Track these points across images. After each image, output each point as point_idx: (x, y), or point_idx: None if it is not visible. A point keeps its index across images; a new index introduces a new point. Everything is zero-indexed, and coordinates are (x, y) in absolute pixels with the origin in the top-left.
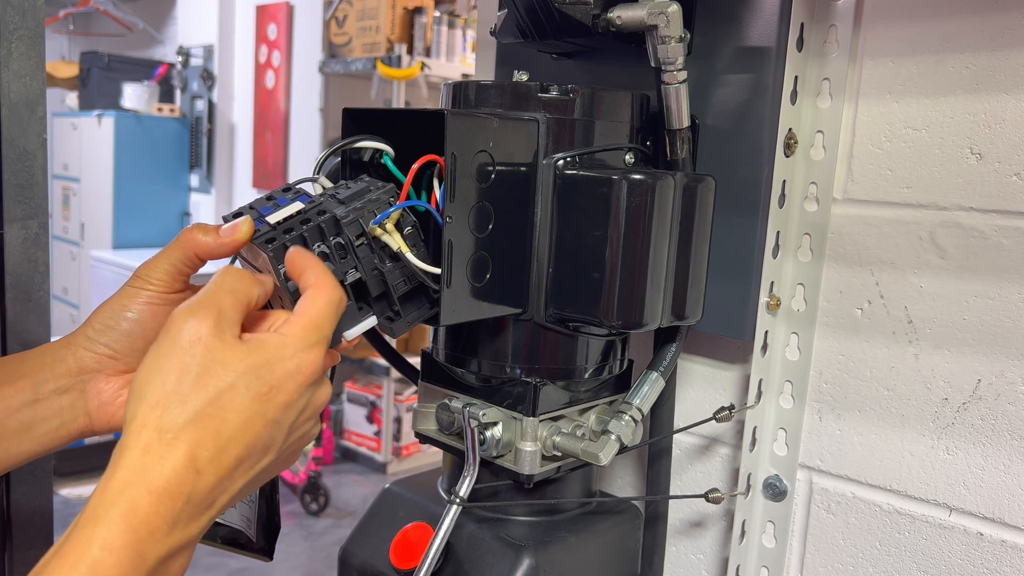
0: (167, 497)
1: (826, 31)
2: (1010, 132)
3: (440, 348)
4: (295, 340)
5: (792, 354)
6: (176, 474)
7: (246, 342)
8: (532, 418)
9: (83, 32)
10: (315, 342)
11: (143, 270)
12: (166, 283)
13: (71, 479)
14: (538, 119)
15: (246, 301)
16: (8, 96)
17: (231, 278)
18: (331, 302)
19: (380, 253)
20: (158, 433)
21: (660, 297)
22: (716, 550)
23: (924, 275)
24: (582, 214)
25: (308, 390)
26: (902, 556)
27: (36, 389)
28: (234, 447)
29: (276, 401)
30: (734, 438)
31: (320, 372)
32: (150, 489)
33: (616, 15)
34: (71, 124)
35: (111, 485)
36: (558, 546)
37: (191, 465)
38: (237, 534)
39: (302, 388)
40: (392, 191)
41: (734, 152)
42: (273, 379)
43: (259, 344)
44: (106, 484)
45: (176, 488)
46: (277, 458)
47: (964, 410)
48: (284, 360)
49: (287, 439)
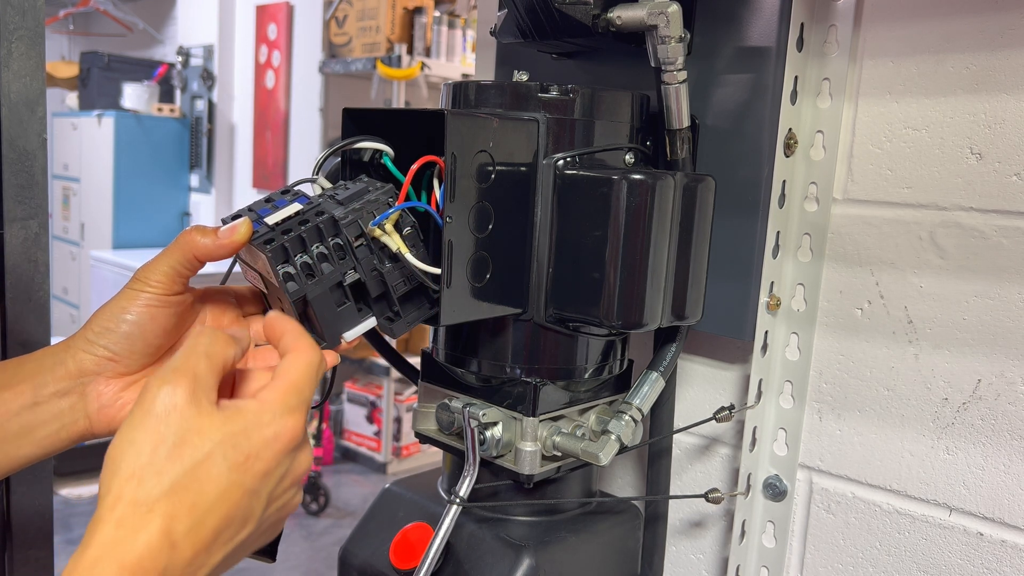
0: (140, 572)
1: (826, 31)
2: (1010, 132)
3: (440, 348)
4: (274, 406)
5: (792, 354)
6: (150, 549)
7: (223, 409)
8: (532, 418)
9: (83, 32)
10: (295, 407)
11: (142, 272)
12: (165, 285)
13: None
14: (538, 119)
15: (222, 364)
16: (8, 96)
17: (205, 341)
18: (311, 365)
19: (379, 254)
20: (132, 506)
21: (660, 297)
22: (716, 550)
23: (924, 275)
24: (582, 214)
25: (288, 457)
26: (902, 556)
27: (36, 392)
28: (211, 519)
29: (255, 470)
30: (734, 438)
31: (301, 437)
32: (122, 565)
33: (616, 15)
34: (71, 124)
35: (81, 563)
36: (558, 546)
37: (166, 539)
38: None
39: (281, 455)
40: (391, 192)
41: (734, 152)
42: (251, 447)
43: (236, 411)
44: (77, 561)
45: (150, 563)
46: (256, 529)
47: (964, 410)
48: (263, 427)
49: (267, 509)
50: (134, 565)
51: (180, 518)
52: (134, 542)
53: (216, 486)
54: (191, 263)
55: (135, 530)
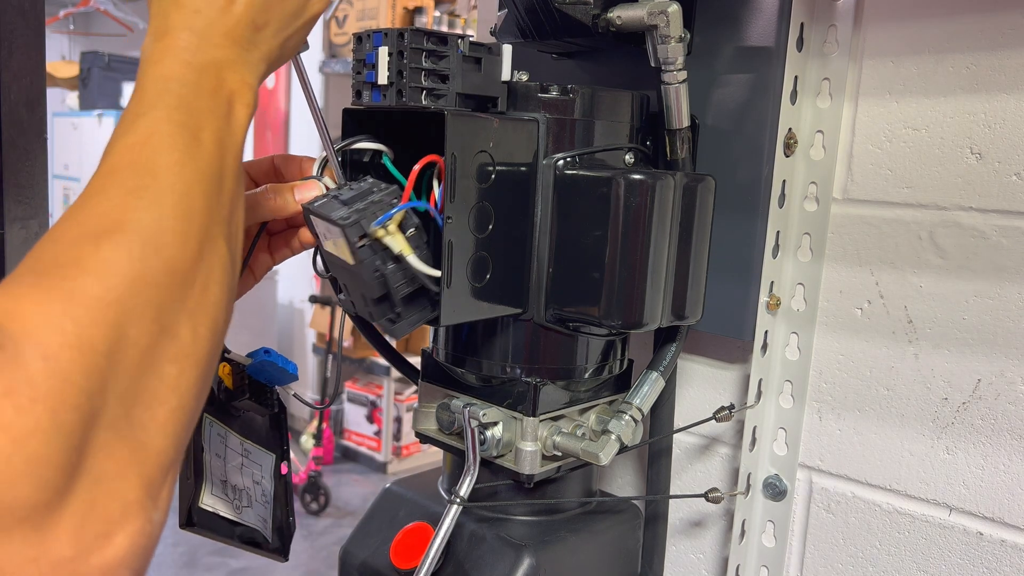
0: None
1: (826, 31)
2: (1010, 132)
3: (440, 348)
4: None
5: (792, 354)
6: None
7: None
8: (532, 418)
9: (83, 32)
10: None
11: None
12: None
13: None
14: (538, 119)
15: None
16: (8, 96)
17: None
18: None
19: (382, 255)
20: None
21: (660, 297)
22: (716, 550)
23: (924, 275)
24: (582, 214)
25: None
26: (902, 556)
27: None
28: None
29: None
30: (734, 438)
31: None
32: None
33: (616, 15)
34: (71, 124)
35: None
36: (558, 546)
37: None
38: (254, 533)
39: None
40: (395, 193)
41: (734, 152)
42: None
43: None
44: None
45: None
46: (296, 30)
47: (964, 410)
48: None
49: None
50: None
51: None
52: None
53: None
54: None
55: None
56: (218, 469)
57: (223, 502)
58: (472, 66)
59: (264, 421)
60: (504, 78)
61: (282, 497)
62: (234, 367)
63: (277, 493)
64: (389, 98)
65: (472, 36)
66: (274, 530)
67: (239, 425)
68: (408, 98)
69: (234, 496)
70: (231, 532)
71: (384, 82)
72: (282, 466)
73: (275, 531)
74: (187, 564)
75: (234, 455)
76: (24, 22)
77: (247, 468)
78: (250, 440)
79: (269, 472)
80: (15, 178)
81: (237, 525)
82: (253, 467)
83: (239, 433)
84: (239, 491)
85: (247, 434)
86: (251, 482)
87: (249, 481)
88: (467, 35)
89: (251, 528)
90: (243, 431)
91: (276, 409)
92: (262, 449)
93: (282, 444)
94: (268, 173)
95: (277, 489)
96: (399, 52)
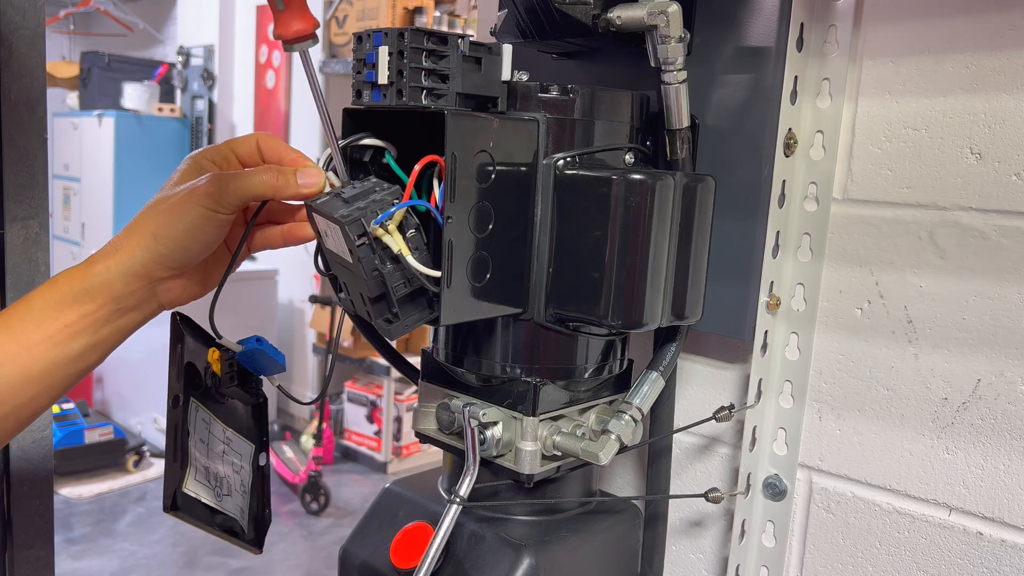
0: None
1: (826, 31)
2: (1010, 132)
3: (440, 348)
4: None
5: (792, 354)
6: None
7: None
8: (532, 418)
9: (83, 32)
10: None
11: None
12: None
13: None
14: (538, 119)
15: None
16: (8, 96)
17: None
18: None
19: (381, 254)
20: None
21: (660, 297)
22: (716, 549)
23: (924, 275)
24: (582, 214)
25: None
26: (902, 556)
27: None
28: None
29: None
30: (734, 438)
31: None
32: None
33: (616, 15)
34: (71, 124)
35: None
36: (558, 545)
37: None
38: (233, 523)
39: None
40: (397, 193)
41: (734, 152)
42: None
43: None
44: None
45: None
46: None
47: (964, 410)
48: None
49: None
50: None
51: None
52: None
53: None
54: None
55: None
56: (202, 455)
57: (205, 488)
58: (472, 66)
59: (247, 411)
60: (504, 78)
61: (259, 488)
62: (223, 353)
63: (255, 484)
64: (389, 98)
65: (472, 36)
66: (250, 521)
67: (223, 412)
68: (408, 98)
69: (215, 483)
70: (211, 520)
71: (384, 82)
72: (260, 457)
73: (251, 522)
74: (187, 564)
75: (217, 442)
76: (24, 22)
77: (228, 456)
78: (232, 428)
79: (248, 462)
80: (15, 178)
81: (217, 513)
82: (233, 455)
83: (222, 420)
84: (220, 479)
85: (229, 422)
86: (231, 471)
87: (229, 469)
88: (467, 35)
89: (230, 517)
90: (226, 419)
91: (260, 399)
92: (243, 438)
93: (261, 435)
94: (253, 154)
95: (255, 480)
96: (399, 52)
